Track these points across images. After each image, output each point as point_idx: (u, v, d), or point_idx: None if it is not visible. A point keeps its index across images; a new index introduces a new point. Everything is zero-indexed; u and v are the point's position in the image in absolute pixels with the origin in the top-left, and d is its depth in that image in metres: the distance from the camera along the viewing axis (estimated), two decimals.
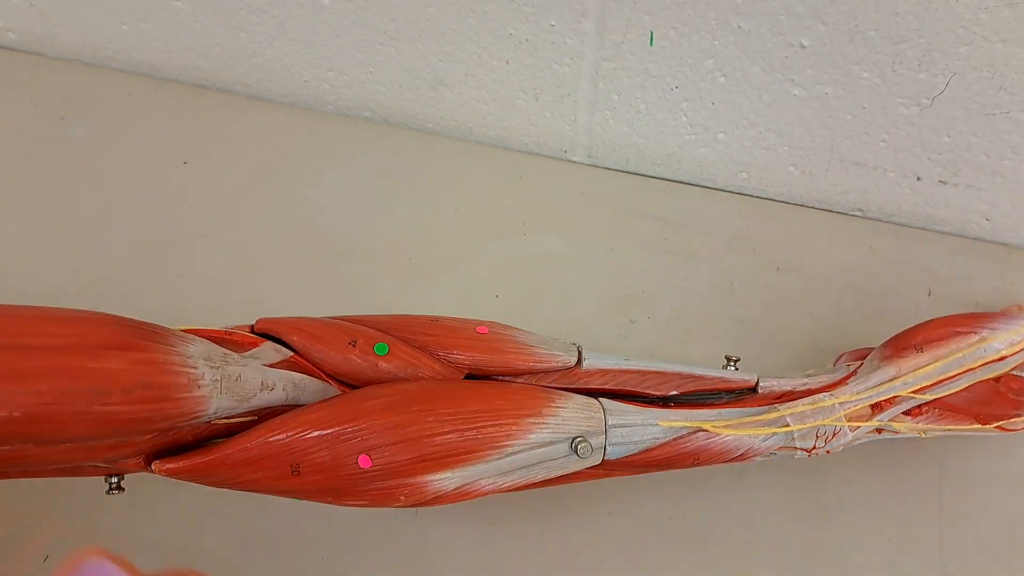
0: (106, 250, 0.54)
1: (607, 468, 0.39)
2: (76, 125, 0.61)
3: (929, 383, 0.41)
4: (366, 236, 0.56)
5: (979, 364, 0.41)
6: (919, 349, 0.42)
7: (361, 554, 0.43)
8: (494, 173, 0.60)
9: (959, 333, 0.42)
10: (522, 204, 0.58)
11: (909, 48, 0.48)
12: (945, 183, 0.56)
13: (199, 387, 0.32)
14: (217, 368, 0.33)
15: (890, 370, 0.41)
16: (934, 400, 0.42)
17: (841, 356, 0.47)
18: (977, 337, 0.41)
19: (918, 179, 0.56)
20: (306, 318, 0.37)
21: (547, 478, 0.38)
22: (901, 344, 0.42)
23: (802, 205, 0.60)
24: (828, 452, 0.41)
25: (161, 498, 0.43)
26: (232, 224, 0.56)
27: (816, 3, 0.47)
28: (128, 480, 0.35)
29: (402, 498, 0.35)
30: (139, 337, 0.31)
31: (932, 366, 0.41)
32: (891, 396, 0.41)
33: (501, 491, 0.37)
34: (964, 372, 0.41)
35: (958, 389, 0.42)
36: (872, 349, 0.47)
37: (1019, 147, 0.52)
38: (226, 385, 0.33)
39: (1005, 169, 0.54)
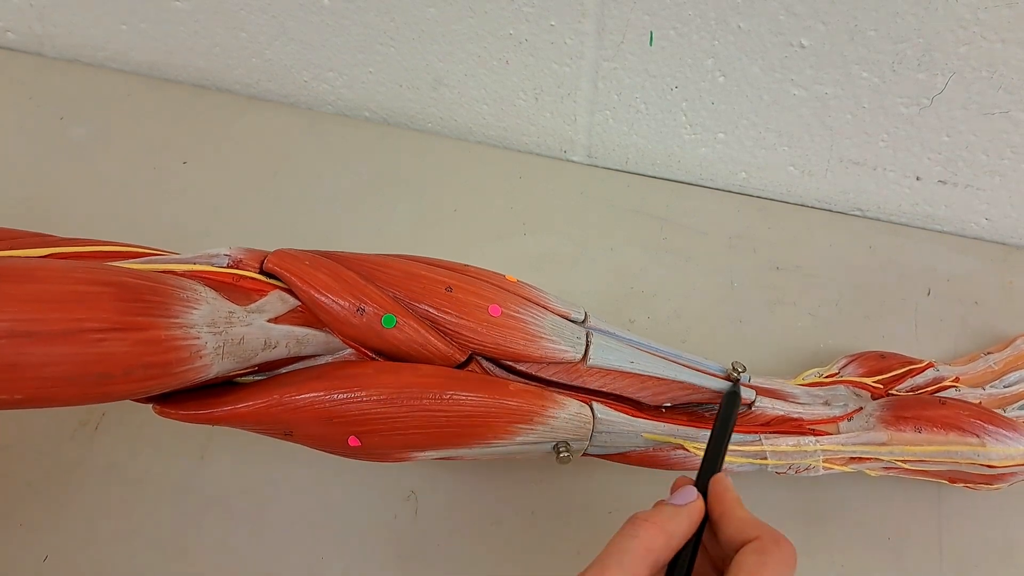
0: None
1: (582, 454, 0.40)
2: (76, 125, 0.61)
3: (914, 459, 0.41)
4: (366, 236, 0.56)
5: (967, 463, 0.40)
6: (918, 429, 0.41)
7: (360, 554, 0.43)
8: (494, 173, 0.60)
9: (962, 430, 0.41)
10: (522, 204, 0.58)
11: (909, 48, 0.48)
12: (944, 183, 0.56)
13: (200, 358, 0.32)
14: (220, 333, 0.33)
15: (882, 436, 0.41)
16: (911, 469, 0.42)
17: (848, 363, 0.47)
18: (977, 441, 0.40)
19: (918, 179, 0.56)
20: (322, 267, 0.37)
21: (524, 459, 0.39)
22: (904, 413, 0.42)
23: (802, 205, 0.60)
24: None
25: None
26: (232, 224, 0.56)
27: (816, 3, 0.47)
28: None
29: (385, 463, 0.38)
30: (140, 313, 0.31)
31: (923, 448, 0.41)
32: (874, 457, 0.41)
33: (479, 460, 0.39)
34: (951, 462, 0.41)
35: (939, 470, 0.42)
36: (878, 354, 0.47)
37: (1018, 147, 0.52)
38: (228, 350, 0.33)
39: (1004, 169, 0.54)
